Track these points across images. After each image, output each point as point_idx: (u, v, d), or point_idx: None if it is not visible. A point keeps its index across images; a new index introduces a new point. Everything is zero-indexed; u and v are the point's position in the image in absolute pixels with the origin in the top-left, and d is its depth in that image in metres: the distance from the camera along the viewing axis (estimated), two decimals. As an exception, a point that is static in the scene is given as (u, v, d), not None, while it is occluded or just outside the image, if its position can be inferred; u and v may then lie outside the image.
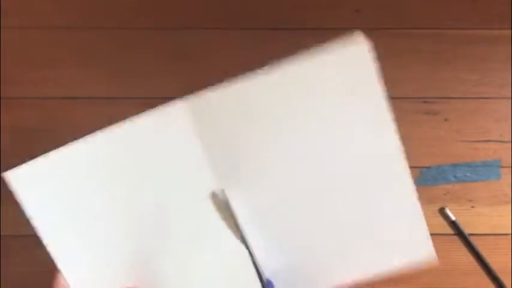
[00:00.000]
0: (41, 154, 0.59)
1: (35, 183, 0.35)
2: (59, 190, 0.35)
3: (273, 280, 0.37)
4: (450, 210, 0.59)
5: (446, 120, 0.60)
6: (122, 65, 0.61)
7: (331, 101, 0.36)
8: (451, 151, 0.60)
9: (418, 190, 0.59)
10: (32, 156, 0.59)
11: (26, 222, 0.58)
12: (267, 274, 0.36)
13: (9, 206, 0.59)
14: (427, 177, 0.59)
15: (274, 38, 0.61)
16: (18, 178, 0.35)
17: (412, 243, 0.38)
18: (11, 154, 0.60)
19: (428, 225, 0.59)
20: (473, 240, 0.58)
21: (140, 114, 0.35)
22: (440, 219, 0.59)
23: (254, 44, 0.61)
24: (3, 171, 0.59)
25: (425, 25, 0.61)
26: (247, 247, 0.36)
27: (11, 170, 0.36)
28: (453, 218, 0.58)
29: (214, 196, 0.35)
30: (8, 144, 0.60)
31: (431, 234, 0.59)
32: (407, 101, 0.60)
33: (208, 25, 0.61)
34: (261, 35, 0.61)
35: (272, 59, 0.62)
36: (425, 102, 0.60)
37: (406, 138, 0.61)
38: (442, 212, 0.59)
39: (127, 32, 0.61)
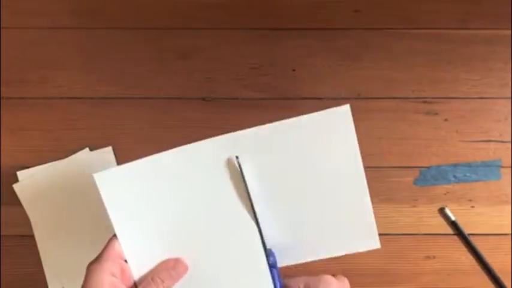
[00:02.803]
0: (40, 154, 0.59)
1: (116, 184, 0.44)
2: (135, 191, 0.44)
3: (274, 250, 0.44)
4: (450, 210, 0.59)
5: (446, 120, 0.60)
6: (121, 65, 0.61)
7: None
8: (451, 151, 0.60)
9: (418, 190, 0.60)
10: (32, 156, 0.59)
11: (26, 223, 0.59)
12: (268, 245, 0.44)
13: (9, 206, 0.59)
14: (427, 177, 0.59)
15: (274, 38, 0.61)
16: (103, 179, 0.43)
17: (361, 234, 0.46)
18: (11, 154, 0.60)
19: (428, 225, 0.59)
20: (473, 240, 0.58)
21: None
22: (440, 219, 0.59)
23: (254, 44, 0.61)
24: (3, 171, 0.60)
25: (425, 25, 0.61)
26: (256, 218, 0.44)
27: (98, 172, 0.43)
28: (453, 218, 0.58)
29: (229, 163, 0.44)
30: (8, 144, 0.60)
31: (432, 234, 0.59)
32: (407, 101, 0.60)
33: (208, 25, 0.61)
34: (261, 35, 0.61)
35: (272, 59, 0.62)
36: (425, 102, 0.60)
37: (406, 138, 0.61)
38: (442, 212, 0.59)
39: (127, 32, 0.61)
